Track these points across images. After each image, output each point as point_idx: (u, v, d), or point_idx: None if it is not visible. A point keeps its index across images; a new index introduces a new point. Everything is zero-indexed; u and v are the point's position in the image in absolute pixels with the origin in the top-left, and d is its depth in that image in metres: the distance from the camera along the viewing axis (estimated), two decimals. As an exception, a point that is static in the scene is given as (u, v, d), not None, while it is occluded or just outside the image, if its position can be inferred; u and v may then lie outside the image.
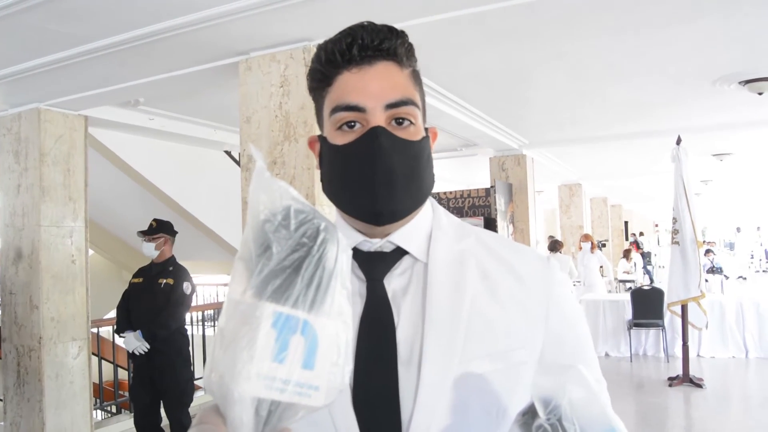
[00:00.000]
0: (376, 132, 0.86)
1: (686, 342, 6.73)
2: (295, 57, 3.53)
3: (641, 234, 23.52)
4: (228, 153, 7.98)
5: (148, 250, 4.70)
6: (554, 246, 9.99)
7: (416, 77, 0.94)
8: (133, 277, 4.83)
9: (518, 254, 0.96)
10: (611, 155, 9.47)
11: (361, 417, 0.84)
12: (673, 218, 6.78)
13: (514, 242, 1.01)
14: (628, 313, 8.19)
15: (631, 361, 8.03)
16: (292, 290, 0.51)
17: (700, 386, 6.48)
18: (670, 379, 6.78)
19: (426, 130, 0.94)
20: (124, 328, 4.58)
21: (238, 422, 0.50)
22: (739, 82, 5.02)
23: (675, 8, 3.42)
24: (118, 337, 4.89)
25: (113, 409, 6.65)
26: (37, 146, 4.65)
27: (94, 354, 5.34)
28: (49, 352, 4.61)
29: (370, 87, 0.87)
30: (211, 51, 3.64)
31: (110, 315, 7.85)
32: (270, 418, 0.51)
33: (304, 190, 3.49)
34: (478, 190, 7.57)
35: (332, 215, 0.91)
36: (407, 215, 0.91)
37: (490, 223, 7.12)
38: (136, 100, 5.04)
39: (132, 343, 4.46)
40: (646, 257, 16.24)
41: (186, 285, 4.65)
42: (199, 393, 5.57)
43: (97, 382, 5.92)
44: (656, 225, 30.33)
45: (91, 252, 5.66)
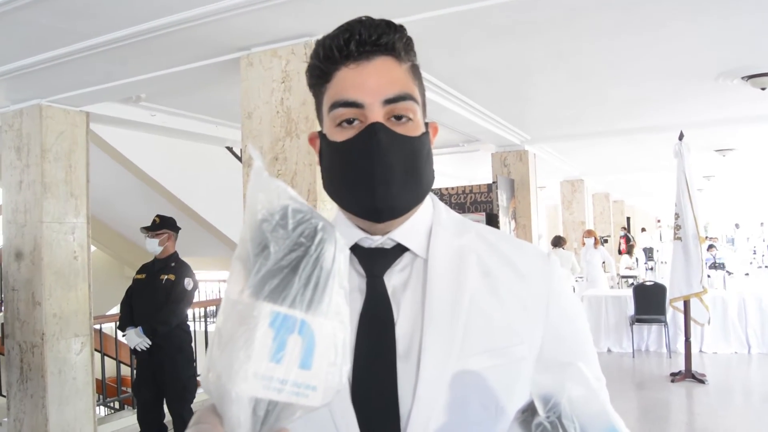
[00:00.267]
0: (375, 128, 0.86)
1: (688, 338, 6.73)
2: (297, 52, 3.53)
3: (643, 230, 23.50)
4: (230, 149, 7.98)
5: (152, 246, 4.70)
6: (557, 241, 9.98)
7: (416, 72, 0.93)
8: (137, 274, 4.84)
9: (518, 250, 0.96)
10: (613, 151, 9.45)
11: (360, 412, 0.84)
12: (676, 214, 6.77)
13: (515, 238, 1.01)
14: (631, 309, 8.18)
15: (634, 357, 8.03)
16: (289, 290, 0.51)
17: (702, 382, 6.48)
18: (673, 374, 6.77)
19: (426, 125, 0.94)
20: (126, 324, 4.58)
21: (236, 422, 0.50)
22: (742, 78, 5.00)
23: (677, 3, 3.41)
24: (120, 334, 4.89)
25: (116, 406, 6.66)
26: (39, 142, 4.65)
27: (96, 350, 5.36)
28: (52, 349, 4.62)
29: (368, 83, 0.87)
30: (213, 47, 3.64)
31: (113, 311, 7.88)
32: (267, 418, 0.50)
33: (305, 186, 3.49)
34: (480, 186, 7.57)
35: (334, 212, 0.91)
36: (407, 211, 0.91)
37: (492, 219, 7.11)
38: (138, 96, 5.04)
39: (133, 339, 4.47)
40: (648, 252, 16.21)
41: (187, 281, 4.65)
42: (202, 389, 5.58)
43: (100, 378, 5.93)
44: (658, 221, 30.27)
45: (93, 248, 5.66)
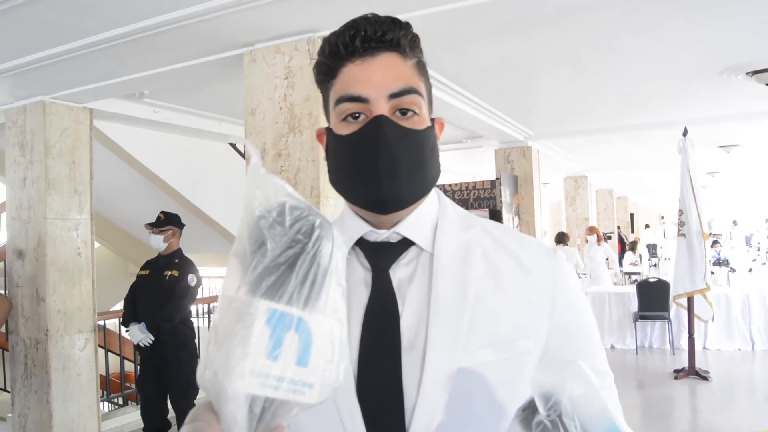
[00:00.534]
0: (379, 121, 0.87)
1: (692, 334, 6.72)
2: (300, 48, 3.52)
3: (646, 226, 23.45)
4: (233, 145, 7.99)
5: (156, 243, 4.72)
6: (561, 238, 9.96)
7: (421, 68, 0.94)
8: (141, 270, 4.85)
9: (524, 245, 0.96)
10: (617, 147, 9.43)
11: (365, 405, 0.84)
12: (680, 210, 6.76)
13: (520, 233, 1.01)
14: (634, 306, 8.18)
15: (637, 354, 8.02)
16: (286, 287, 0.51)
17: (705, 379, 6.47)
18: (676, 371, 6.77)
19: (432, 120, 0.94)
20: (130, 320, 4.60)
21: (232, 419, 0.49)
22: (747, 73, 4.99)
23: (681, -1, 3.41)
24: (124, 329, 4.90)
25: (120, 401, 6.68)
26: (43, 139, 4.66)
27: (100, 346, 5.37)
28: (56, 345, 4.63)
29: (374, 78, 0.88)
30: (216, 43, 3.63)
31: (116, 307, 7.90)
32: (264, 415, 0.50)
33: (308, 182, 3.49)
34: (483, 182, 7.57)
35: (337, 208, 0.92)
36: (412, 203, 0.92)
37: (496, 215, 7.11)
38: (141, 92, 5.05)
39: (136, 335, 4.48)
40: (651, 249, 16.19)
41: (191, 277, 4.66)
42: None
43: (104, 374, 5.95)
44: (662, 217, 30.22)
45: (96, 245, 5.68)
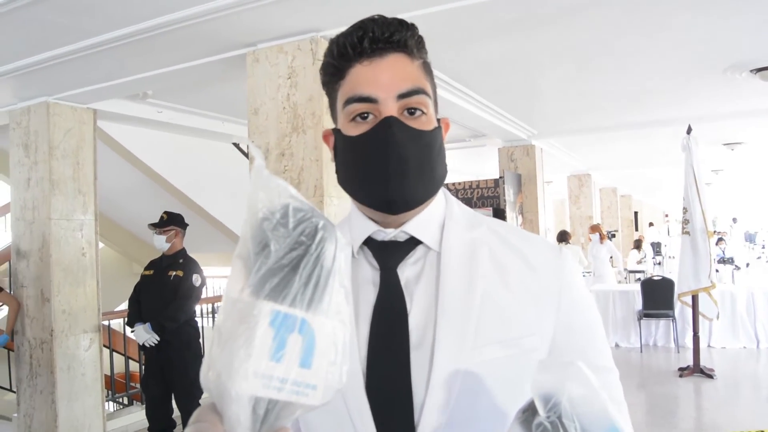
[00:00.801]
0: (389, 122, 0.87)
1: (697, 332, 6.70)
2: (303, 48, 3.52)
3: (650, 225, 23.40)
4: (236, 145, 8.00)
5: (159, 243, 4.72)
6: (563, 236, 9.95)
7: (427, 68, 0.95)
8: (145, 270, 4.86)
9: (530, 243, 0.97)
10: (621, 145, 9.41)
11: (374, 402, 0.85)
12: (684, 208, 6.74)
13: (526, 231, 1.02)
14: (638, 304, 8.16)
15: (642, 352, 8.01)
16: (290, 289, 0.51)
17: (710, 377, 6.46)
18: (681, 369, 6.75)
19: (438, 120, 0.95)
20: (135, 320, 4.60)
21: (235, 421, 0.50)
22: (750, 71, 4.97)
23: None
24: (129, 330, 4.91)
25: (125, 401, 6.69)
26: (47, 140, 4.67)
27: (105, 346, 5.38)
28: (61, 345, 4.65)
29: (382, 78, 0.88)
30: (219, 43, 3.64)
31: (121, 307, 7.91)
32: (267, 417, 0.50)
33: (312, 182, 3.49)
34: (486, 181, 7.56)
35: (341, 207, 0.92)
36: (420, 204, 0.92)
37: (499, 214, 7.10)
38: (145, 92, 5.06)
39: (141, 335, 4.49)
40: (656, 247, 16.17)
41: (195, 277, 4.67)
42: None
43: (109, 374, 5.96)
44: (666, 215, 30.17)
45: (101, 245, 5.69)
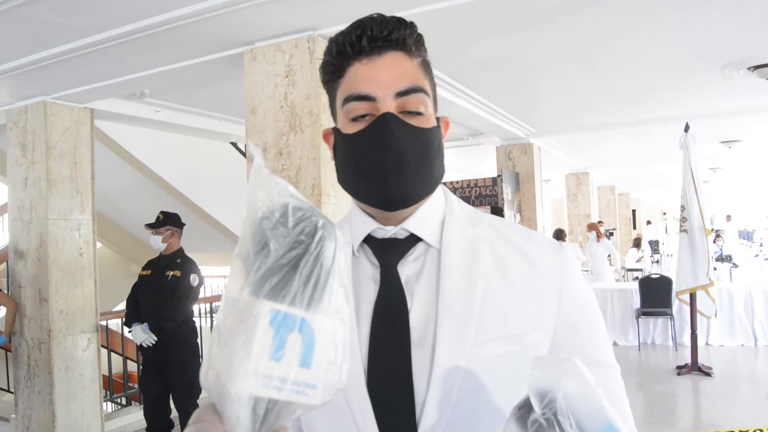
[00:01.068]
0: (386, 118, 0.87)
1: (695, 330, 6.72)
2: (300, 47, 3.52)
3: (648, 223, 23.43)
4: (234, 144, 7.99)
5: (156, 243, 4.72)
6: (558, 235, 9.95)
7: (426, 67, 0.95)
8: (143, 270, 4.85)
9: (530, 240, 0.97)
10: (619, 143, 9.43)
11: (376, 400, 0.85)
12: (682, 206, 6.75)
13: (526, 228, 1.01)
14: (636, 302, 8.17)
15: (640, 350, 8.02)
16: (289, 288, 0.51)
17: (708, 375, 6.47)
18: (679, 367, 6.77)
19: (438, 119, 0.95)
20: (132, 320, 4.60)
21: (235, 420, 0.49)
22: (748, 68, 4.98)
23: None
24: (126, 330, 4.91)
25: (123, 401, 6.69)
26: (44, 139, 4.66)
27: (103, 346, 5.38)
28: (59, 345, 4.64)
29: (380, 76, 0.88)
30: (216, 42, 3.64)
31: (119, 307, 7.91)
32: (267, 417, 0.50)
33: (310, 180, 3.49)
34: (484, 180, 7.56)
35: (338, 206, 0.91)
36: (418, 200, 0.92)
37: (497, 212, 7.10)
38: (142, 92, 5.06)
39: (139, 335, 4.49)
40: (654, 245, 16.18)
41: (193, 277, 4.66)
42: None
43: (107, 374, 5.96)
44: (664, 213, 30.22)
45: (99, 245, 5.68)
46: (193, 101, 5.71)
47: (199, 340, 4.87)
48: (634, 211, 20.97)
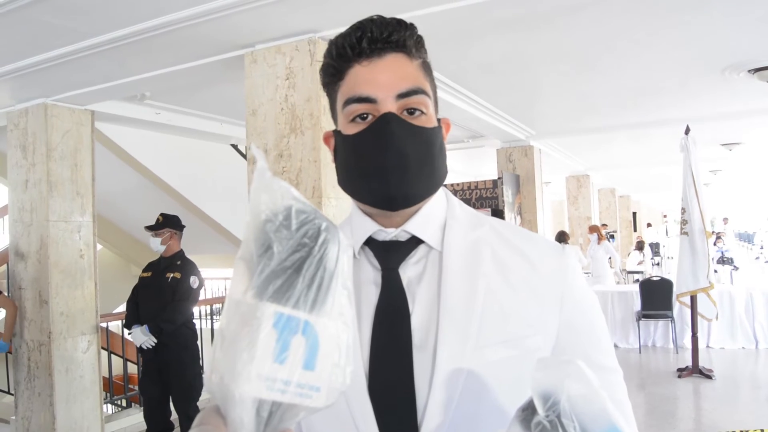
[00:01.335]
0: (387, 118, 0.87)
1: (695, 333, 6.71)
2: (301, 49, 3.52)
3: (648, 225, 23.44)
4: (234, 146, 7.99)
5: (155, 245, 4.72)
6: (561, 237, 9.95)
7: (427, 68, 0.95)
8: (143, 272, 4.85)
9: (532, 243, 0.96)
10: (619, 146, 9.43)
11: (377, 403, 0.85)
12: (682, 208, 6.75)
13: (528, 231, 1.01)
14: (637, 305, 8.16)
15: (640, 353, 8.01)
16: (293, 291, 0.51)
17: (709, 377, 6.46)
18: (680, 370, 6.76)
19: (438, 120, 0.95)
20: (132, 322, 4.59)
21: (239, 423, 0.49)
22: (748, 71, 4.98)
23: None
24: (126, 332, 4.91)
25: (123, 403, 6.69)
26: (44, 141, 4.66)
27: (103, 348, 5.37)
28: (59, 347, 4.64)
29: (381, 78, 0.88)
30: (216, 44, 3.64)
31: (119, 309, 7.90)
32: (271, 419, 0.50)
33: (310, 182, 3.49)
34: (485, 182, 7.56)
35: (339, 209, 0.91)
36: (420, 200, 0.92)
37: (498, 215, 7.09)
38: (143, 94, 5.05)
39: (139, 337, 4.48)
40: (654, 247, 16.19)
41: (193, 279, 4.66)
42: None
43: (107, 376, 5.95)
44: (665, 215, 30.23)
45: (99, 247, 5.68)
46: (194, 103, 5.71)
47: (199, 342, 4.87)
48: (634, 214, 20.97)
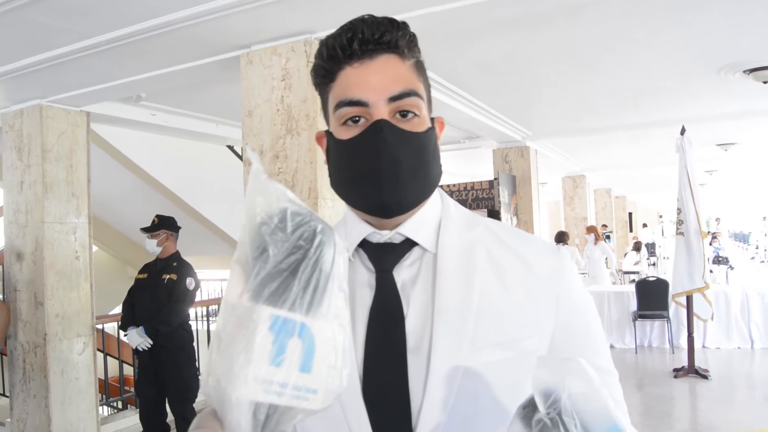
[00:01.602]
0: (380, 125, 0.86)
1: (691, 333, 6.72)
2: (297, 50, 3.52)
3: (644, 225, 23.48)
4: (230, 148, 7.98)
5: (151, 247, 4.71)
6: (560, 237, 9.97)
7: (420, 68, 0.94)
8: (139, 273, 4.84)
9: (528, 243, 0.96)
10: (615, 146, 9.44)
11: (371, 407, 0.84)
12: (678, 209, 6.76)
13: (524, 232, 1.01)
14: (633, 305, 8.17)
15: (636, 353, 8.02)
16: (289, 293, 0.51)
17: (705, 377, 6.47)
18: (676, 370, 6.77)
19: (432, 120, 0.94)
20: (128, 324, 4.58)
21: (236, 426, 0.49)
22: (744, 71, 4.99)
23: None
24: (122, 333, 4.90)
25: (119, 405, 6.67)
26: (40, 143, 4.65)
27: (99, 350, 5.35)
28: (54, 349, 4.62)
29: (372, 81, 0.87)
30: (212, 45, 3.63)
31: (115, 311, 7.88)
32: (268, 422, 0.50)
33: (306, 184, 3.48)
34: (481, 183, 7.57)
35: (335, 210, 0.91)
36: (414, 206, 0.91)
37: (494, 216, 7.10)
38: (138, 95, 5.04)
39: (135, 339, 4.47)
40: (650, 248, 16.21)
41: (189, 280, 4.65)
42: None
43: (103, 378, 5.94)
44: (660, 216, 30.28)
45: (95, 248, 5.67)
46: (190, 104, 5.70)
47: (195, 344, 4.86)
48: (630, 214, 21.02)
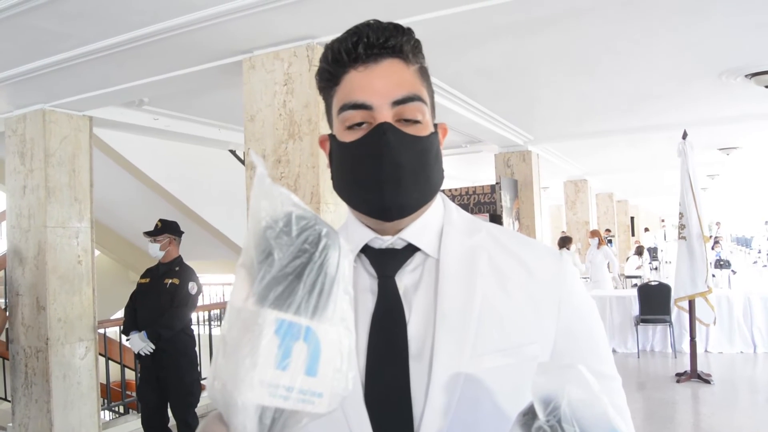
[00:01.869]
0: (383, 128, 0.86)
1: (694, 337, 6.71)
2: (299, 55, 3.52)
3: (646, 230, 23.46)
4: (233, 152, 7.99)
5: (154, 251, 4.71)
6: (564, 242, 9.95)
7: (424, 73, 0.94)
8: (141, 278, 4.84)
9: (530, 249, 0.96)
10: (617, 150, 9.43)
11: (373, 413, 0.84)
12: (680, 213, 6.75)
13: (526, 237, 1.01)
14: (635, 309, 8.16)
15: (639, 357, 8.00)
16: (294, 297, 0.51)
17: (707, 382, 6.45)
18: (678, 374, 6.75)
19: (435, 126, 0.94)
20: (131, 328, 4.58)
21: (242, 430, 0.49)
22: (745, 76, 4.99)
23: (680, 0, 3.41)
24: (124, 338, 4.90)
25: (121, 410, 6.65)
26: (42, 147, 4.66)
27: (101, 354, 5.35)
28: (57, 353, 4.62)
29: (376, 85, 0.87)
30: (214, 50, 3.64)
31: (117, 315, 7.88)
32: (274, 426, 0.50)
33: (308, 188, 3.48)
34: (483, 187, 7.56)
35: (337, 214, 0.91)
36: (416, 210, 0.91)
37: (496, 220, 7.10)
38: (141, 100, 5.05)
39: (137, 343, 4.47)
40: (652, 252, 16.20)
41: (191, 285, 4.65)
42: (206, 393, 5.56)
43: (105, 382, 5.93)
44: (662, 220, 30.25)
45: (97, 253, 5.67)
46: (192, 109, 5.70)
47: (197, 349, 4.85)
48: (632, 218, 20.99)
